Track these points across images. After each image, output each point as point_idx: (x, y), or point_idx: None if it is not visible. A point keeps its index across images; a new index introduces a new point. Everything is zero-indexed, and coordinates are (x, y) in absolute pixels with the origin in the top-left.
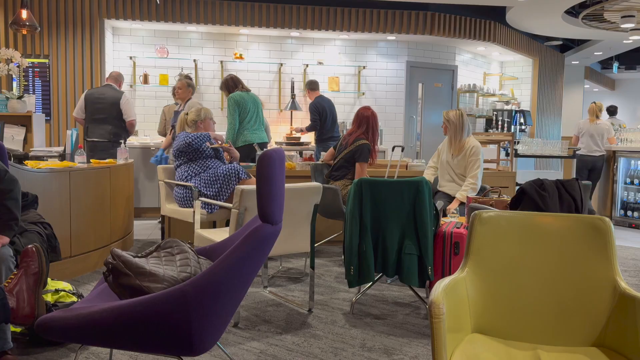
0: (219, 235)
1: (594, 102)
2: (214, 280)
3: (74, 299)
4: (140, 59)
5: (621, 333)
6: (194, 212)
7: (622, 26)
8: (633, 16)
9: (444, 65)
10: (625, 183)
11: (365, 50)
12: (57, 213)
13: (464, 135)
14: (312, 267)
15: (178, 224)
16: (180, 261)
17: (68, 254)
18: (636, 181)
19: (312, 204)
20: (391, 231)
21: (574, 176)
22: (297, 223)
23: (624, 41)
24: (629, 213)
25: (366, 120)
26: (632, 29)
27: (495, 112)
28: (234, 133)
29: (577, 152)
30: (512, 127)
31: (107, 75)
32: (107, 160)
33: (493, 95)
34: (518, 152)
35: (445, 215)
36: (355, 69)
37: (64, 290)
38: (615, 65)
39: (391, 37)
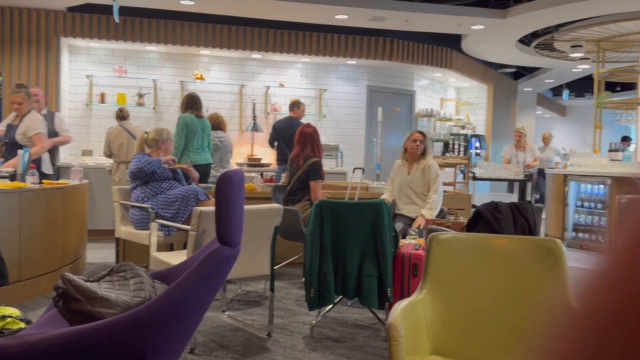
0: (176, 258)
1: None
2: (168, 305)
3: (22, 325)
4: (98, 78)
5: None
6: (150, 234)
7: (571, 55)
8: (581, 46)
9: (402, 90)
10: (576, 206)
11: (326, 74)
12: (5, 235)
13: (431, 154)
14: (272, 290)
15: (134, 247)
16: (134, 285)
17: (17, 278)
18: (586, 204)
19: (273, 225)
20: (351, 253)
21: (528, 199)
22: (257, 245)
23: (573, 69)
24: (581, 235)
25: (310, 138)
26: (580, 58)
27: (452, 136)
28: (178, 153)
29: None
30: (468, 151)
31: (62, 94)
32: (59, 181)
33: (450, 119)
34: (476, 175)
35: (404, 237)
36: (316, 91)
37: (11, 317)
38: (566, 92)
39: (352, 62)
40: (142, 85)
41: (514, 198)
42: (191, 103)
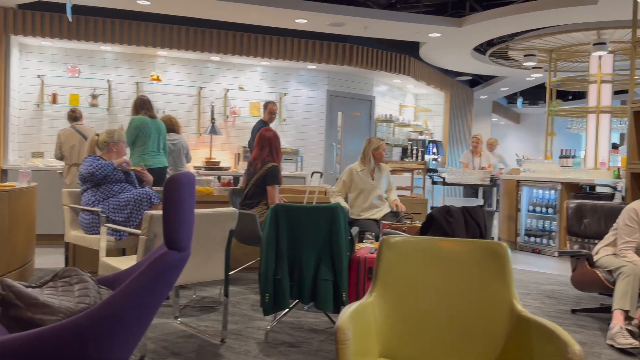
0: (126, 263)
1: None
2: (112, 311)
3: None
4: (49, 78)
5: (518, 354)
6: (100, 239)
7: (525, 64)
8: (534, 55)
9: (362, 95)
10: (529, 211)
11: (286, 78)
12: None
13: None
14: (226, 295)
15: (84, 252)
16: (78, 291)
17: None
18: (538, 209)
19: (228, 229)
20: (307, 257)
21: (489, 203)
22: (211, 249)
23: (527, 78)
24: (532, 239)
25: (268, 141)
26: (533, 67)
27: (410, 142)
28: (128, 155)
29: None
30: (426, 156)
31: (12, 93)
32: (6, 183)
33: (408, 125)
34: (446, 180)
35: (361, 240)
36: (276, 95)
37: None
38: (520, 100)
39: (312, 66)
40: (96, 86)
41: (470, 203)
42: (141, 104)
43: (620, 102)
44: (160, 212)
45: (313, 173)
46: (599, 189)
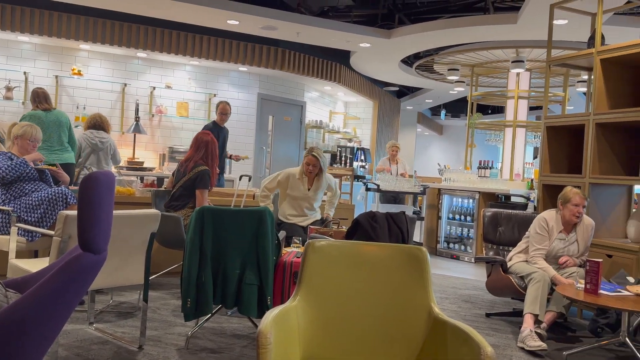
0: (37, 265)
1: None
2: (20, 316)
3: None
4: None
5: (435, 355)
6: (10, 239)
7: (449, 78)
8: (457, 70)
9: (293, 100)
10: (449, 218)
11: (216, 78)
12: None
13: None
14: (145, 300)
15: None
16: None
17: None
18: (457, 216)
19: (148, 232)
20: (232, 261)
21: (417, 209)
22: (130, 252)
23: (450, 91)
24: (451, 245)
25: (205, 144)
26: (456, 81)
27: (339, 148)
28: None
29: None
30: (354, 163)
31: None
32: None
33: (338, 132)
34: (380, 187)
35: (288, 245)
36: (205, 96)
37: None
38: (443, 112)
39: (243, 68)
40: (11, 78)
41: (402, 210)
42: (33, 98)
43: (536, 117)
44: (75, 212)
45: (241, 176)
46: (513, 199)
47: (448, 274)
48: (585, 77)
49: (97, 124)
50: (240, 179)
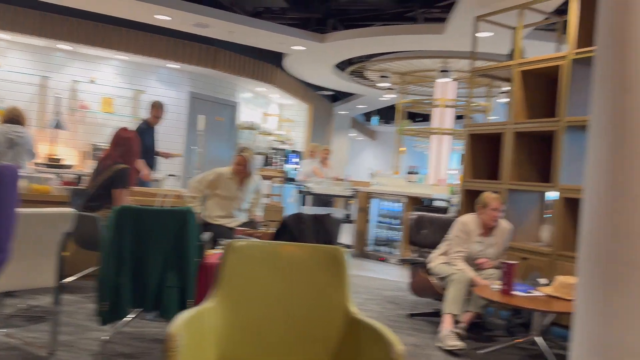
0: None
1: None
2: None
3: None
4: None
5: (351, 355)
6: None
7: (379, 85)
8: (388, 77)
9: (226, 100)
10: (377, 221)
11: (145, 75)
12: None
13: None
14: (57, 303)
15: None
16: None
17: None
18: (385, 220)
19: (61, 232)
20: (152, 263)
21: (348, 212)
22: (41, 253)
23: (381, 98)
24: (379, 248)
25: (124, 142)
26: (387, 88)
27: (272, 150)
28: None
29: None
30: (287, 165)
31: None
32: None
33: (271, 134)
34: (311, 190)
35: (215, 247)
36: (132, 92)
37: None
38: (375, 118)
39: (174, 65)
40: None
41: (332, 212)
42: None
43: (463, 125)
44: None
45: (168, 176)
46: (436, 203)
47: (375, 275)
48: (507, 88)
49: (14, 118)
50: (166, 178)
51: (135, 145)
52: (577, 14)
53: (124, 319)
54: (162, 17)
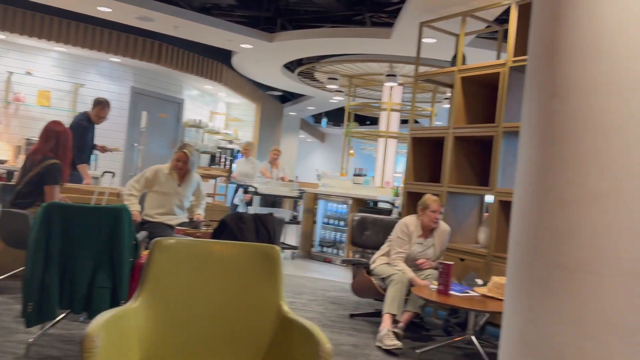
0: None
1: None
2: None
3: None
4: None
5: (282, 354)
6: None
7: (328, 87)
8: (337, 79)
9: (170, 97)
10: (324, 222)
11: (85, 68)
12: None
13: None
14: None
15: None
16: None
17: None
18: (331, 221)
19: None
20: (82, 262)
21: (295, 213)
22: None
23: (330, 100)
24: (325, 249)
25: (55, 135)
26: (336, 90)
27: (219, 150)
28: None
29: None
30: (234, 165)
31: None
32: None
33: (218, 133)
34: (258, 190)
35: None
36: (71, 85)
37: None
38: (325, 120)
39: (115, 59)
40: None
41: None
42: None
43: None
44: None
45: (104, 172)
46: (380, 205)
47: (320, 276)
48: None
49: None
50: (102, 175)
51: (67, 140)
52: (516, 23)
53: (52, 320)
54: (104, 9)
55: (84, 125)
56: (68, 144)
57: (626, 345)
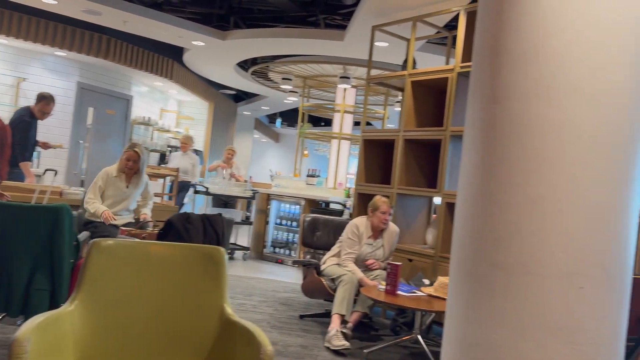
0: None
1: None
2: None
3: None
4: None
5: (224, 356)
6: None
7: (282, 87)
8: (291, 80)
9: (118, 93)
10: (276, 223)
11: (27, 61)
12: None
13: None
14: None
15: None
16: None
17: None
18: (284, 222)
19: None
20: (20, 263)
21: (248, 214)
22: None
23: (285, 100)
24: (277, 250)
25: None
26: (290, 91)
27: (169, 148)
28: None
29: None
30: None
31: None
32: None
33: (168, 131)
34: (209, 190)
35: None
36: (13, 79)
37: None
38: (279, 120)
39: (60, 53)
40: None
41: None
42: None
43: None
44: None
45: (46, 170)
46: (332, 206)
47: (271, 277)
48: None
49: None
50: (44, 173)
51: (6, 136)
52: (464, 30)
53: None
54: (49, 1)
55: (27, 121)
56: (7, 140)
57: (564, 345)
